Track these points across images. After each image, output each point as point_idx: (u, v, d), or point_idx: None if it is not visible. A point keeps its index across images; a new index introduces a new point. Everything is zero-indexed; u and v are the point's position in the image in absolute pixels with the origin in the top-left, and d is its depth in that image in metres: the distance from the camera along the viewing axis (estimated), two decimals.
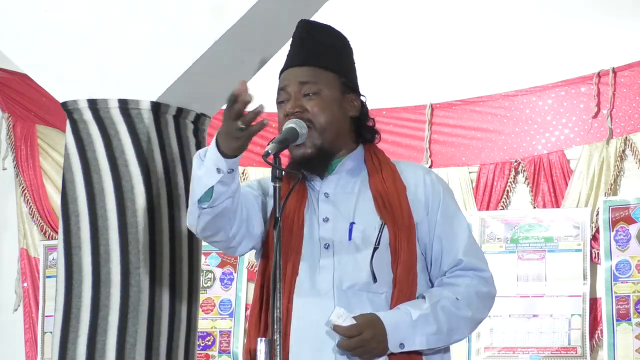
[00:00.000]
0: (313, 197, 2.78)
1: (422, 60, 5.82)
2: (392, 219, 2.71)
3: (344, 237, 2.71)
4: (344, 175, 2.80)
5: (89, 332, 3.18)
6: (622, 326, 5.19)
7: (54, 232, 6.29)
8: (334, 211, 2.75)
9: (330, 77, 2.81)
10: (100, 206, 3.22)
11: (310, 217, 2.75)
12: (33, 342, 6.38)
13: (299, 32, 2.87)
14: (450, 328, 2.69)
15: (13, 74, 6.32)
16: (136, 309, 3.17)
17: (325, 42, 2.85)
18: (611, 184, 5.35)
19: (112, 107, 3.25)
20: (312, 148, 2.74)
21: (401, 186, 2.77)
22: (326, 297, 2.66)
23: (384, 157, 2.86)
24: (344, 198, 2.77)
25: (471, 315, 2.73)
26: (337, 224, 2.73)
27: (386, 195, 2.74)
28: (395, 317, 2.64)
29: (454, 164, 5.74)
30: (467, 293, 2.73)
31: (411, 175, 2.81)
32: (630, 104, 5.37)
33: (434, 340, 2.67)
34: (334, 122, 2.78)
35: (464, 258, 2.76)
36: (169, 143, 3.30)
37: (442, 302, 2.69)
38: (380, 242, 2.69)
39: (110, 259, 3.19)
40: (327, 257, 2.70)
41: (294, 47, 2.86)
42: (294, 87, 2.78)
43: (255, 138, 2.68)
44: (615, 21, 5.51)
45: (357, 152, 2.84)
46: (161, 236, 3.24)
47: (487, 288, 2.77)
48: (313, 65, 2.80)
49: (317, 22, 2.91)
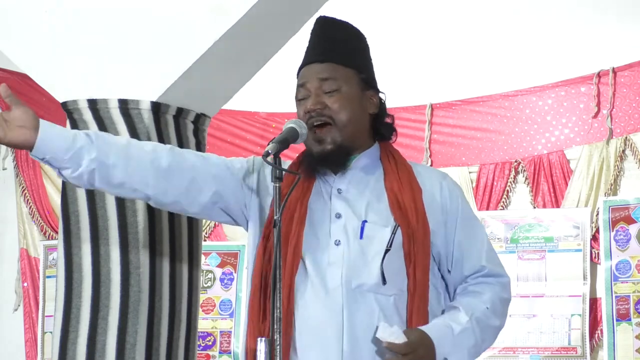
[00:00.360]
0: (325, 192, 2.75)
1: (422, 60, 5.82)
2: (407, 222, 2.68)
3: (355, 235, 2.69)
4: (358, 172, 2.77)
5: (89, 332, 3.18)
6: (622, 326, 5.19)
7: (54, 232, 6.29)
8: (347, 208, 2.72)
9: (349, 74, 2.78)
10: (100, 206, 3.22)
11: (322, 212, 2.72)
12: (33, 342, 6.38)
13: (318, 29, 2.84)
14: (483, 339, 2.71)
15: (13, 74, 6.32)
16: (136, 309, 3.17)
17: (344, 38, 2.82)
18: (611, 184, 5.35)
19: (112, 107, 3.25)
20: (332, 144, 2.72)
21: (417, 188, 2.74)
22: (334, 294, 2.64)
23: (401, 157, 2.83)
24: (358, 195, 2.74)
25: (499, 324, 2.74)
26: (349, 221, 2.70)
27: (401, 196, 2.71)
28: (440, 331, 2.64)
29: (454, 164, 5.74)
30: (493, 302, 2.73)
31: (427, 179, 2.79)
32: (630, 104, 5.37)
33: (473, 353, 2.69)
34: (354, 119, 2.75)
35: (486, 265, 2.75)
36: (168, 143, 3.30)
37: (477, 314, 2.70)
38: (393, 244, 2.66)
39: (110, 259, 3.19)
40: (337, 253, 2.68)
41: (313, 44, 2.82)
42: (313, 84, 2.75)
43: (255, 138, 2.67)
44: (615, 21, 5.51)
45: (372, 150, 2.81)
46: (161, 236, 3.24)
47: (507, 294, 2.78)
48: (332, 62, 2.77)
49: (336, 19, 2.87)
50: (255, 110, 6.07)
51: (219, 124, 5.96)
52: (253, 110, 6.07)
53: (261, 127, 6.02)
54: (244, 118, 6.12)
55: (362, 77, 2.80)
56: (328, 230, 2.70)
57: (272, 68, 3.77)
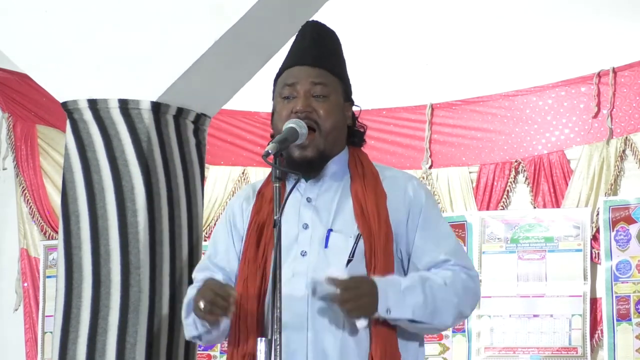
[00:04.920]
0: (295, 201, 2.76)
1: (422, 60, 5.82)
2: (369, 229, 2.69)
3: (320, 245, 2.71)
4: (327, 180, 2.80)
5: (89, 332, 3.18)
6: (623, 326, 5.19)
7: (54, 232, 6.29)
8: (314, 217, 2.74)
9: (337, 83, 2.81)
10: (100, 206, 3.22)
11: (290, 223, 2.73)
12: (33, 342, 6.38)
13: (310, 33, 2.86)
14: (435, 308, 2.66)
15: (13, 74, 6.32)
16: (136, 309, 3.17)
17: (333, 47, 2.86)
18: (611, 184, 5.35)
19: (112, 107, 3.25)
20: (314, 151, 2.74)
21: (381, 194, 2.75)
22: (300, 303, 2.66)
23: (368, 162, 2.84)
24: (326, 204, 2.76)
25: (457, 302, 2.70)
26: (316, 230, 2.73)
27: (365, 203, 2.73)
28: (386, 283, 2.63)
29: (454, 164, 5.74)
30: (455, 282, 2.71)
31: (393, 183, 2.80)
32: (630, 104, 5.37)
33: (420, 312, 2.64)
34: (337, 128, 2.78)
35: (451, 257, 2.74)
36: (169, 143, 3.30)
37: (430, 282, 2.68)
38: (355, 253, 2.68)
39: (110, 259, 3.19)
40: (303, 264, 2.70)
41: (304, 46, 2.84)
42: (305, 86, 2.76)
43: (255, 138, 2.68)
44: (615, 21, 5.51)
45: (341, 156, 2.83)
46: (161, 236, 3.24)
47: (474, 285, 2.76)
48: (324, 69, 2.79)
49: (325, 26, 2.90)
50: (255, 110, 6.07)
51: (219, 124, 5.96)
52: (253, 110, 6.07)
53: (261, 127, 6.02)
54: (244, 118, 6.12)
55: (344, 88, 2.83)
56: (295, 241, 2.72)
57: (272, 68, 3.76)
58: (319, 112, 2.74)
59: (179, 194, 3.31)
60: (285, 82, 2.80)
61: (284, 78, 2.81)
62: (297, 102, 2.75)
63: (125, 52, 3.27)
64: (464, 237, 5.53)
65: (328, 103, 2.76)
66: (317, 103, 2.75)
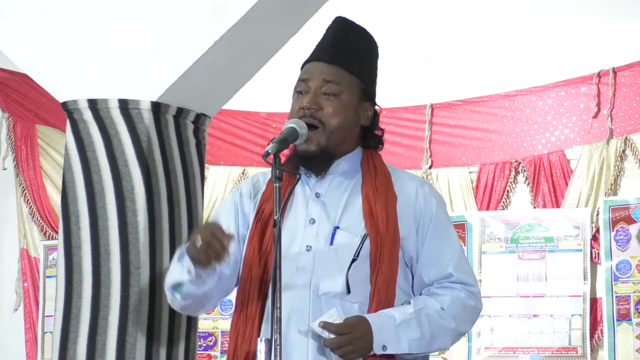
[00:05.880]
0: (304, 195, 2.76)
1: (422, 60, 5.82)
2: (376, 230, 2.68)
3: (326, 241, 2.70)
4: (338, 177, 2.78)
5: (89, 332, 3.18)
6: (623, 326, 5.19)
7: (54, 232, 6.29)
8: (321, 213, 2.73)
9: (352, 81, 2.78)
10: (100, 206, 3.22)
11: (298, 217, 2.73)
12: (33, 342, 6.38)
13: (334, 29, 2.84)
14: (433, 336, 2.67)
15: (13, 74, 6.32)
16: (136, 309, 3.18)
17: (356, 45, 2.83)
18: (611, 184, 5.35)
19: (112, 107, 3.25)
20: (316, 147, 2.72)
21: (392, 196, 2.74)
22: (302, 299, 2.66)
23: (381, 162, 2.83)
24: (334, 200, 2.75)
25: (455, 326, 2.71)
26: (322, 226, 2.71)
27: (375, 204, 2.71)
28: (381, 319, 2.63)
29: (454, 164, 5.74)
30: (454, 304, 2.70)
31: (405, 186, 2.79)
32: (630, 104, 5.37)
33: (416, 345, 2.65)
34: (344, 127, 2.76)
35: (454, 272, 2.73)
36: (169, 143, 3.30)
37: (427, 310, 2.67)
38: (360, 253, 2.67)
39: (110, 259, 3.20)
40: (307, 259, 2.69)
41: (325, 42, 2.82)
42: (316, 83, 2.75)
43: (255, 138, 2.68)
44: (615, 21, 5.51)
45: (354, 154, 2.81)
46: (161, 236, 3.24)
47: (474, 302, 2.75)
48: (340, 66, 2.77)
49: (354, 23, 2.88)
50: (255, 110, 6.07)
51: (219, 124, 5.96)
52: (253, 110, 6.07)
53: (261, 127, 6.02)
54: (244, 118, 6.12)
55: (363, 87, 2.80)
56: (301, 235, 2.71)
57: (272, 68, 3.77)
58: (326, 110, 2.73)
59: (179, 194, 3.31)
60: (301, 77, 2.79)
61: (302, 73, 2.80)
62: (304, 98, 2.75)
63: (125, 52, 3.27)
64: (464, 237, 5.53)
65: (337, 101, 2.74)
66: (325, 101, 2.74)
